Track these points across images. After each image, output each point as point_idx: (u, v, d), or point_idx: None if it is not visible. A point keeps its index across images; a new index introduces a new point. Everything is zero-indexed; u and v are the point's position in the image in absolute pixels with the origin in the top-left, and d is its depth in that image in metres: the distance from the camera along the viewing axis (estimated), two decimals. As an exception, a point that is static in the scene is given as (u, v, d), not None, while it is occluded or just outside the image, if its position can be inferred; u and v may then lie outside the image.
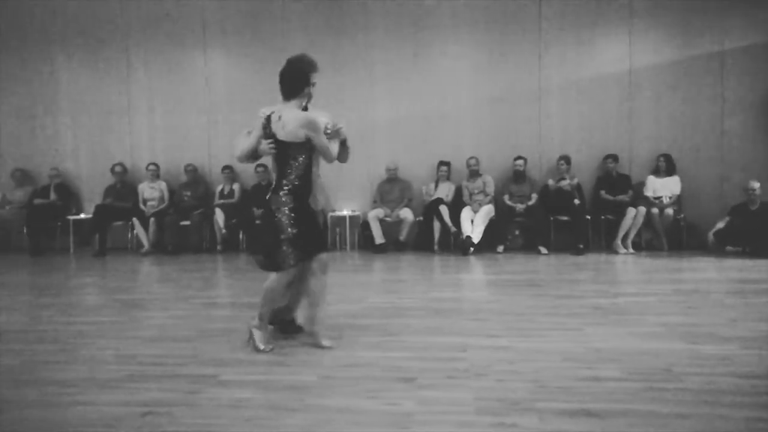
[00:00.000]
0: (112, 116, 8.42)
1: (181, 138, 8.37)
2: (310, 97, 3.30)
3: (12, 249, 8.22)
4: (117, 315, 4.20)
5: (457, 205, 7.54)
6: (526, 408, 2.33)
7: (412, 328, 3.61)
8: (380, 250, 7.50)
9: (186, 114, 8.34)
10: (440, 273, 6.06)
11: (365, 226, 7.81)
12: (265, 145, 3.17)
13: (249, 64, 8.20)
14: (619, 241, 7.11)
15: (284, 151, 3.14)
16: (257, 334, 3.22)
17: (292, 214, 3.12)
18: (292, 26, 8.11)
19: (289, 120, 3.10)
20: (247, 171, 8.10)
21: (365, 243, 7.87)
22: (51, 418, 2.33)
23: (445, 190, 7.71)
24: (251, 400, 2.47)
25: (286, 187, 3.14)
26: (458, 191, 7.74)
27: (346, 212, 8.03)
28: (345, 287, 5.22)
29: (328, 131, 3.32)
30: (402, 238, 7.66)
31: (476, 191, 7.62)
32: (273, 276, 3.24)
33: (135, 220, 7.84)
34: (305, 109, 3.29)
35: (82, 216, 8.18)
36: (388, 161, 7.99)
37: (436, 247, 7.46)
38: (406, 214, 7.66)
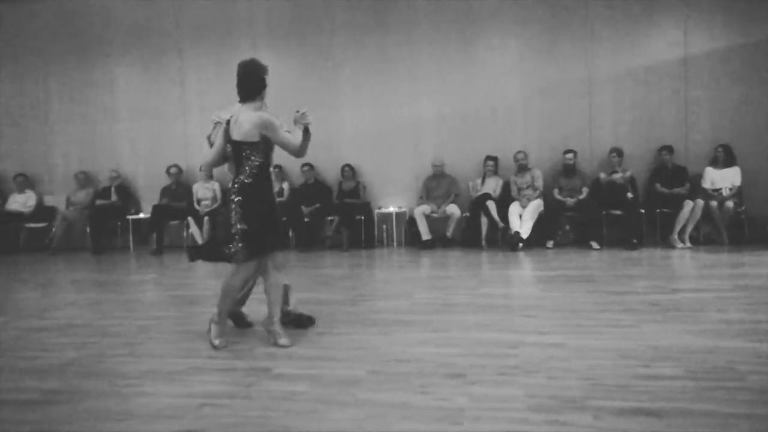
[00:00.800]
0: (167, 119, 8.72)
1: (232, 139, 8.58)
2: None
3: (76, 248, 8.64)
4: (175, 310, 4.37)
5: (504, 200, 7.44)
6: (581, 406, 2.29)
7: (461, 325, 3.60)
8: (427, 246, 7.50)
9: (236, 115, 8.54)
10: (488, 269, 6.00)
11: (412, 222, 7.82)
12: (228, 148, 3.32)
13: (296, 63, 8.34)
14: (675, 236, 6.86)
15: (239, 151, 3.23)
16: (214, 329, 3.31)
17: (241, 211, 3.21)
18: (338, 25, 8.18)
19: (245, 121, 3.20)
20: (295, 170, 8.25)
21: (412, 239, 7.87)
22: (117, 408, 2.45)
23: (493, 185, 7.62)
24: (304, 393, 2.52)
25: (236, 185, 3.25)
26: (506, 186, 7.64)
27: (392, 209, 8.06)
28: (392, 283, 5.25)
29: (297, 114, 3.40)
30: (449, 234, 7.62)
31: (525, 186, 7.50)
32: (230, 272, 3.32)
33: (190, 219, 8.11)
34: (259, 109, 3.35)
35: (141, 216, 8.52)
36: (434, 157, 7.96)
37: (483, 243, 7.39)
38: (453, 209, 7.62)
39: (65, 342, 3.49)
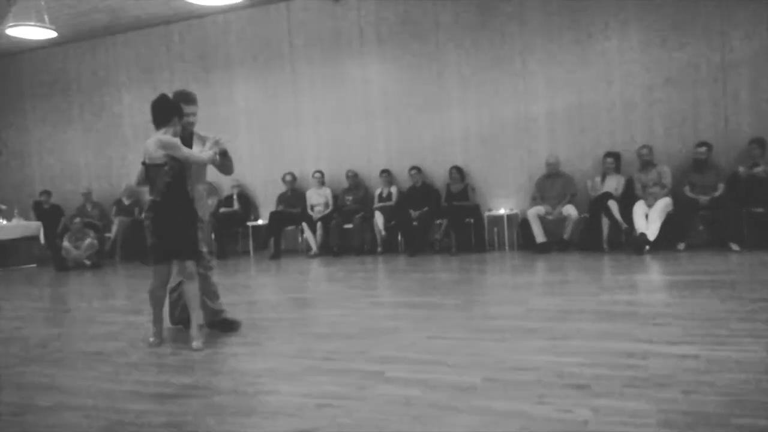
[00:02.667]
0: (281, 129, 9.18)
1: (343, 145, 8.85)
2: (180, 126, 3.74)
3: (205, 252, 9.33)
4: (292, 312, 4.55)
5: (628, 199, 6.95)
6: (720, 423, 2.05)
7: (582, 333, 3.39)
8: (542, 249, 7.20)
9: (346, 122, 8.80)
10: (611, 274, 5.63)
11: (524, 224, 7.55)
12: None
13: (402, 67, 8.41)
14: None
15: (150, 173, 3.60)
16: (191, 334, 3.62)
17: (151, 226, 3.60)
18: (444, 26, 8.14)
19: (149, 145, 3.57)
20: (403, 174, 8.31)
21: (525, 243, 7.60)
22: (242, 404, 2.57)
23: (614, 184, 7.15)
24: (417, 398, 2.49)
25: (148, 204, 3.64)
26: (629, 184, 7.14)
27: (503, 211, 7.85)
28: (505, 288, 5.09)
29: (210, 139, 3.87)
30: (566, 236, 7.26)
31: (651, 183, 6.95)
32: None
33: (304, 224, 8.46)
34: (182, 135, 3.76)
35: (260, 222, 9.03)
36: (547, 155, 7.64)
37: (605, 246, 6.96)
38: (570, 210, 7.25)
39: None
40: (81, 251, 8.42)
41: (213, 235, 8.92)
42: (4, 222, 9.17)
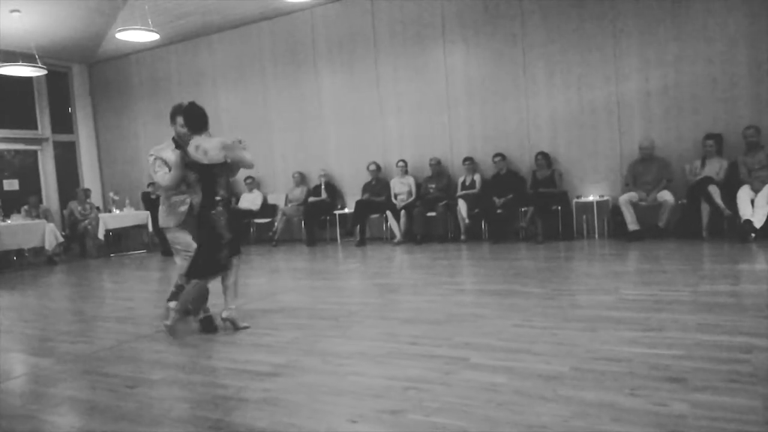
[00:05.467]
0: (366, 120, 9.33)
1: (426, 134, 8.86)
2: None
3: (294, 240, 9.73)
4: (378, 297, 4.67)
5: (731, 184, 6.46)
6: (842, 427, 1.90)
7: (678, 324, 3.23)
8: (634, 237, 6.86)
9: (429, 111, 8.79)
10: (711, 263, 5.28)
11: (616, 211, 7.23)
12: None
13: (486, 53, 8.27)
14: None
15: (205, 171, 3.72)
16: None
17: (226, 222, 3.74)
18: (528, 9, 7.90)
19: (208, 147, 3.68)
20: (486, 162, 8.20)
21: (616, 230, 7.29)
22: (332, 384, 2.70)
23: (715, 168, 6.67)
24: (503, 385, 2.50)
25: (218, 201, 3.72)
26: (732, 168, 6.63)
27: (592, 197, 7.55)
28: (594, 277, 4.92)
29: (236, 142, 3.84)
30: (661, 224, 6.88)
31: (757, 167, 6.42)
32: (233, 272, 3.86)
33: (388, 212, 8.58)
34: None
35: (346, 210, 9.26)
36: (641, 138, 7.26)
37: (704, 234, 6.53)
38: (666, 196, 6.85)
39: (288, 322, 3.95)
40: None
41: (303, 223, 9.28)
42: (117, 211, 10.02)
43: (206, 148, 3.70)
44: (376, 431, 2.15)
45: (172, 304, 3.77)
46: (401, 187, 8.70)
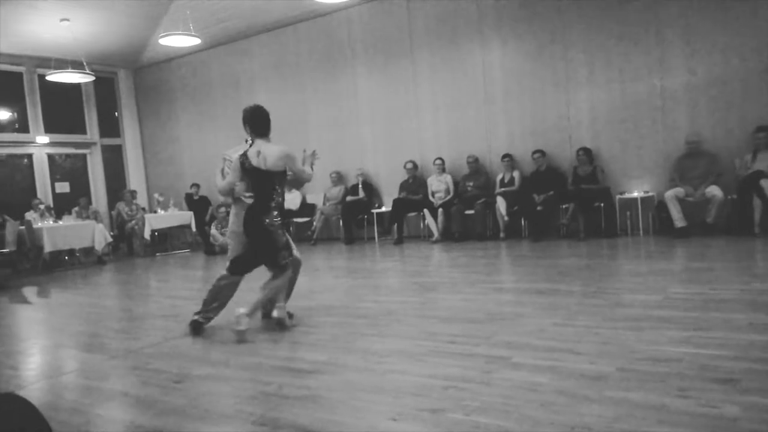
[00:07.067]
0: (402, 119, 9.32)
1: (463, 131, 8.79)
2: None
3: (332, 238, 9.81)
4: (416, 296, 4.66)
5: (784, 178, 6.19)
6: None
7: (729, 324, 3.11)
8: (681, 234, 6.64)
9: (466, 108, 8.72)
10: (764, 260, 5.07)
11: (661, 207, 7.01)
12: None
13: (524, 49, 8.14)
14: None
15: (263, 178, 3.70)
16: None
17: (282, 226, 3.79)
18: (567, 4, 7.73)
19: (268, 154, 3.67)
20: (525, 158, 8.08)
21: (662, 227, 7.07)
22: (371, 381, 2.71)
23: (767, 162, 6.39)
24: (545, 384, 2.46)
25: (274, 206, 3.73)
26: (786, 161, 6.34)
27: (636, 193, 7.34)
28: (639, 275, 4.78)
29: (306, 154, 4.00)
30: (709, 220, 6.63)
31: (813, 159, 6.13)
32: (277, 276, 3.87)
33: (426, 211, 8.56)
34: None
35: (383, 209, 9.28)
36: (688, 132, 7.02)
37: (756, 230, 6.26)
38: (714, 191, 6.60)
39: (328, 320, 3.99)
40: (227, 237, 9.24)
41: (341, 222, 9.35)
42: (162, 212, 10.32)
43: (267, 154, 3.70)
44: (416, 430, 2.15)
45: (242, 309, 3.76)
46: (439, 185, 8.66)
